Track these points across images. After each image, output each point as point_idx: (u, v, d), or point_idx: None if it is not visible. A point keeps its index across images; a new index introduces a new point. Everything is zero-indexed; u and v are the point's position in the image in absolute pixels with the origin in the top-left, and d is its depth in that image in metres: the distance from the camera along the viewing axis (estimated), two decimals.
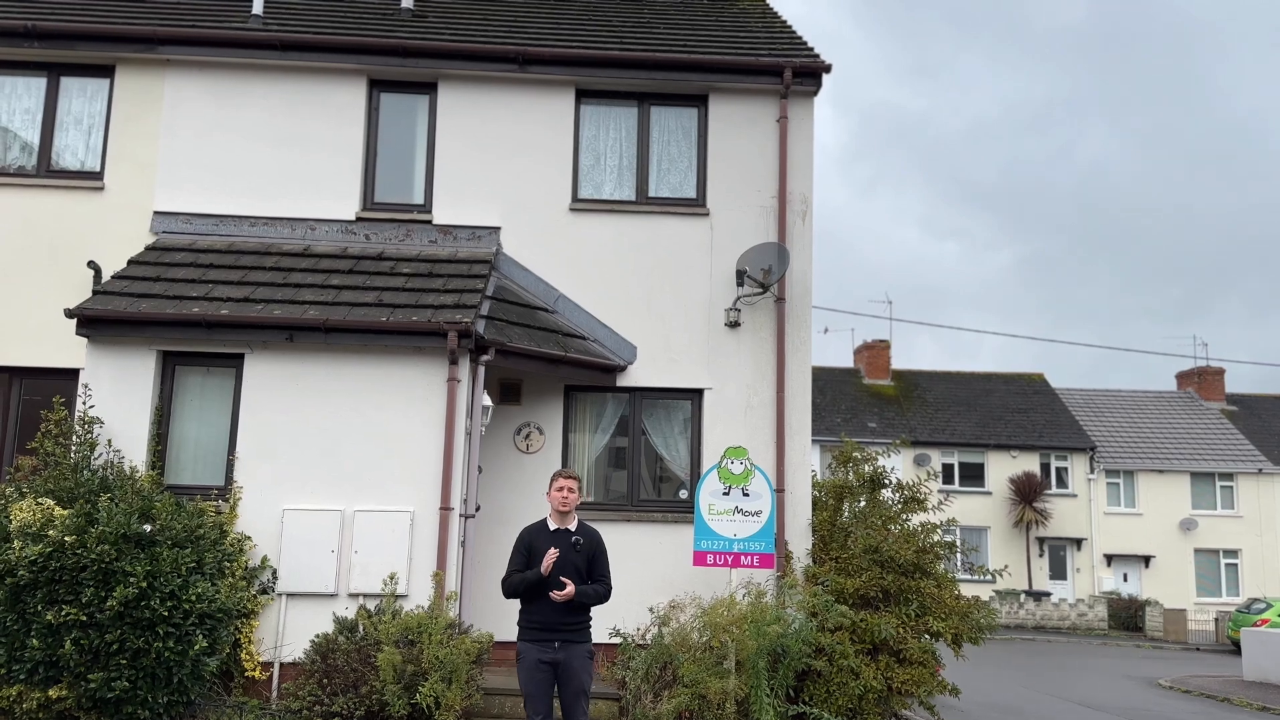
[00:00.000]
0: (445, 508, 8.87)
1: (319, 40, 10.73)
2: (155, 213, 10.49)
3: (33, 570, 7.19)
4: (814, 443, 11.25)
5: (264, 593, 8.66)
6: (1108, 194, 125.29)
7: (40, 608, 7.20)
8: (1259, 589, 34.25)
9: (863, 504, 10.52)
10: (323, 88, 10.80)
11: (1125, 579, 35.87)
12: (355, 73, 10.84)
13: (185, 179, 10.55)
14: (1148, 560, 35.75)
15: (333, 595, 8.75)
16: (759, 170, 10.91)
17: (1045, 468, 35.88)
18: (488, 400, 9.59)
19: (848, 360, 40.99)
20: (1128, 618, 33.43)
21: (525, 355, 9.63)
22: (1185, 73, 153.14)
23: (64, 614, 7.13)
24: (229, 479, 9.01)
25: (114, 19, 10.89)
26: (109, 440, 8.80)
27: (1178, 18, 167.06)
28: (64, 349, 9.56)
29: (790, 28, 12.33)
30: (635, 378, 10.53)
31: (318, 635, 8.23)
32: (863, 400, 37.66)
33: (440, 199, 10.80)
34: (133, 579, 7.21)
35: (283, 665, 8.60)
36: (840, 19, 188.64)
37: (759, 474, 9.45)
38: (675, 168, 11.13)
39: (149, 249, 10.22)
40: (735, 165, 10.95)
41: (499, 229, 10.73)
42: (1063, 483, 35.98)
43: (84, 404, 8.86)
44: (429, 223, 10.75)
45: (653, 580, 9.46)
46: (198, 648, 7.44)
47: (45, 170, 10.61)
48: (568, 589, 6.19)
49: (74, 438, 8.70)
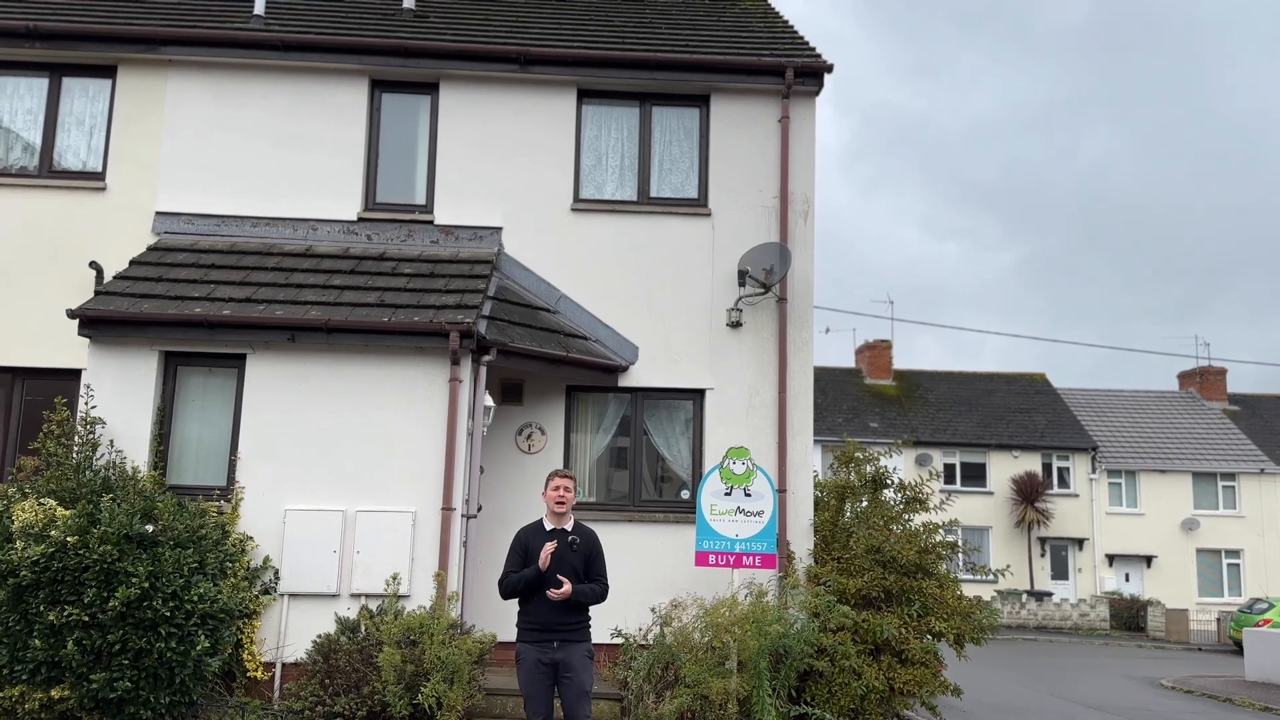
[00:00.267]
0: (447, 508, 8.87)
1: (320, 40, 10.73)
2: (157, 213, 10.50)
3: (35, 570, 7.19)
4: (816, 443, 11.26)
5: (266, 593, 8.66)
6: (1109, 194, 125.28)
7: (42, 608, 7.20)
8: (1261, 589, 34.22)
9: (865, 504, 10.52)
10: (324, 88, 10.81)
11: (1127, 579, 35.84)
12: (357, 73, 10.84)
13: (187, 179, 10.56)
14: (1149, 560, 35.72)
15: (335, 595, 8.75)
16: (760, 170, 10.91)
17: (1047, 468, 35.86)
18: (489, 400, 9.60)
19: (849, 360, 41.01)
20: (1129, 618, 33.40)
21: (527, 355, 9.62)
22: (1187, 72, 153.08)
23: (66, 614, 7.13)
24: (231, 479, 9.02)
25: (115, 19, 10.89)
26: (111, 440, 8.80)
27: (1179, 17, 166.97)
28: (66, 349, 9.56)
29: (792, 28, 12.32)
30: (637, 378, 10.53)
31: (320, 635, 8.23)
32: (864, 400, 37.65)
33: (442, 199, 10.80)
34: (135, 579, 7.21)
35: (285, 665, 8.60)
36: (842, 19, 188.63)
37: (761, 474, 9.45)
38: (677, 168, 11.13)
39: (151, 249, 10.22)
40: (737, 165, 10.95)
41: (500, 229, 10.73)
42: (1064, 483, 35.95)
43: (86, 404, 8.87)
44: (430, 223, 10.75)
45: (654, 580, 9.46)
46: (200, 648, 7.44)
47: (47, 171, 10.62)
48: (565, 588, 6.20)
49: (76, 438, 8.70)
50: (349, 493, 8.91)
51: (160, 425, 9.12)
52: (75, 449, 8.63)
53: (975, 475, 35.72)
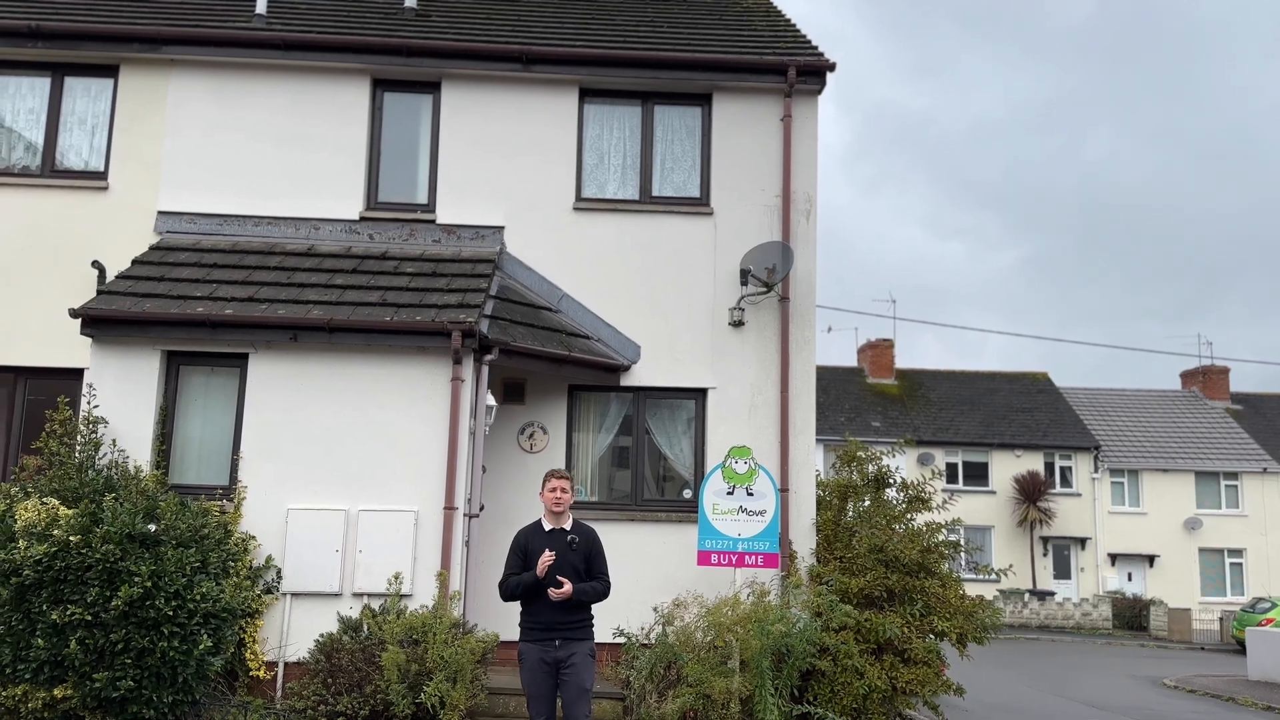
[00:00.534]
0: (449, 507, 8.87)
1: (322, 40, 10.73)
2: (159, 212, 10.50)
3: (38, 570, 7.19)
4: (818, 442, 11.26)
5: (268, 592, 8.66)
6: (1112, 193, 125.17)
7: (45, 607, 7.20)
8: (1263, 588, 34.17)
9: (867, 503, 10.51)
10: (326, 87, 10.81)
11: (1130, 578, 35.81)
12: (359, 72, 10.84)
13: (189, 179, 10.56)
14: (1152, 559, 35.69)
15: (337, 595, 8.75)
16: (763, 169, 10.90)
17: (1049, 467, 35.84)
18: (491, 400, 9.59)
19: (852, 359, 41.00)
20: (1132, 617, 33.37)
21: (529, 355, 9.62)
22: (1190, 72, 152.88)
23: (69, 613, 7.13)
24: (233, 478, 9.02)
25: (118, 19, 10.90)
26: (113, 440, 8.81)
27: (1183, 17, 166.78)
28: (68, 349, 9.56)
29: (794, 26, 12.31)
30: (639, 377, 10.52)
31: (322, 635, 8.23)
32: (866, 399, 37.63)
33: (444, 198, 10.79)
34: (137, 578, 7.21)
35: (287, 665, 8.60)
36: (844, 17, 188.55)
37: (763, 473, 9.44)
38: (679, 167, 11.12)
39: (153, 249, 10.23)
40: (739, 164, 10.94)
41: (503, 228, 10.73)
42: (1067, 482, 35.93)
43: (88, 404, 8.87)
44: (433, 222, 10.75)
45: (657, 580, 9.45)
46: (202, 647, 7.44)
47: (50, 170, 10.62)
48: (566, 587, 6.20)
49: (78, 437, 8.70)
50: (351, 492, 8.91)
51: (163, 425, 9.12)
52: (78, 448, 8.63)
53: (977, 474, 35.69)
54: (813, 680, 8.74)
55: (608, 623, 8.00)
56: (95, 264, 10.01)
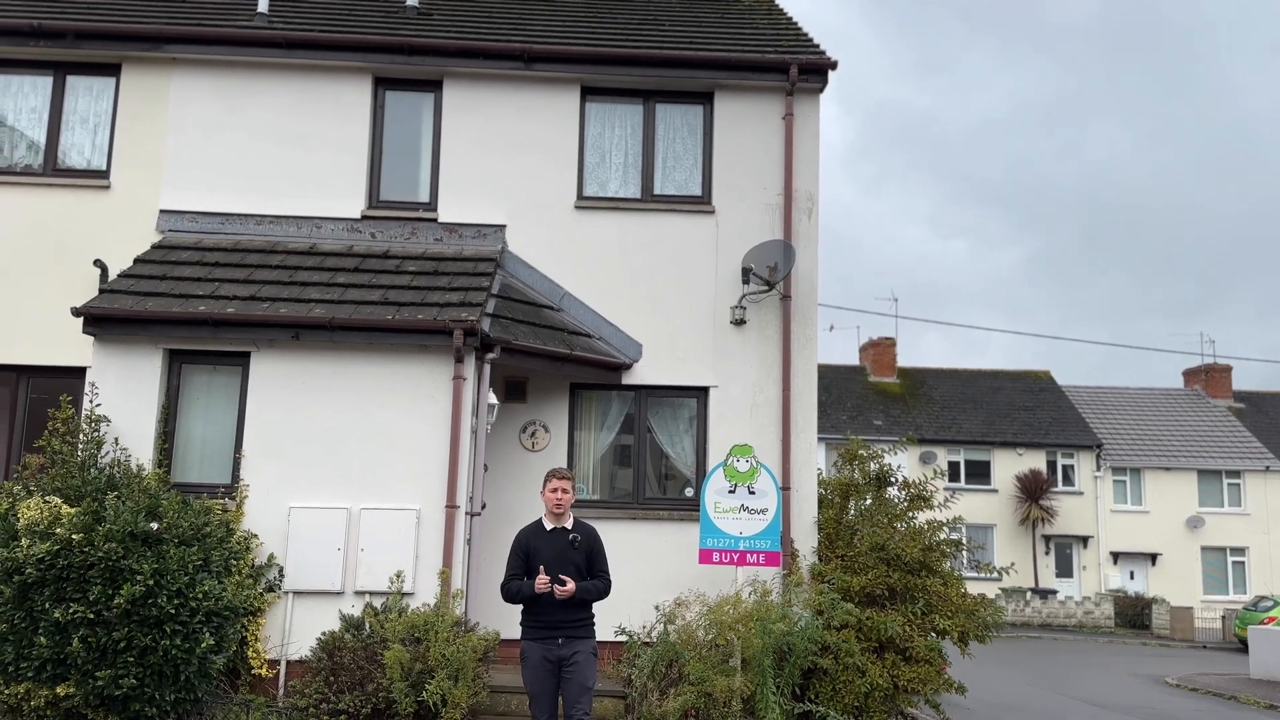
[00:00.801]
0: (451, 506, 8.87)
1: (324, 38, 10.74)
2: (161, 211, 10.51)
3: (40, 568, 7.20)
4: (820, 440, 11.25)
5: (270, 591, 8.67)
6: (1116, 191, 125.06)
7: (48, 605, 7.21)
8: (1266, 587, 34.15)
9: (869, 502, 10.51)
10: (328, 86, 10.81)
11: (1132, 577, 35.79)
12: (360, 71, 10.84)
13: (191, 177, 10.57)
14: (1154, 558, 35.67)
15: (339, 593, 8.76)
16: (764, 168, 10.90)
17: (1052, 465, 35.81)
18: (493, 398, 9.60)
19: (854, 358, 40.99)
20: (1134, 616, 33.36)
21: (531, 353, 9.63)
22: (1195, 70, 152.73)
23: (71, 612, 7.14)
24: (235, 477, 9.03)
25: (120, 18, 10.91)
26: (116, 438, 8.82)
27: (1187, 15, 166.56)
28: (71, 347, 9.57)
29: (796, 24, 12.30)
30: (641, 375, 10.52)
31: (324, 633, 8.24)
32: (868, 398, 37.62)
33: (445, 197, 10.80)
34: (140, 577, 7.23)
35: (289, 663, 8.62)
36: (847, 16, 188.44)
37: (765, 472, 9.44)
38: (680, 165, 11.12)
39: (155, 247, 10.24)
40: (741, 162, 10.94)
41: (504, 227, 10.73)
42: (1069, 480, 35.91)
43: (91, 402, 8.88)
44: (434, 221, 10.75)
45: (658, 578, 9.45)
46: (204, 645, 7.45)
47: (52, 169, 10.63)
48: (569, 586, 6.21)
49: (81, 436, 8.72)
50: (353, 490, 8.92)
51: (165, 423, 9.13)
52: (80, 447, 8.65)
53: (980, 473, 35.68)
54: (814, 678, 8.74)
55: (609, 621, 8.00)
56: (97, 263, 10.02)
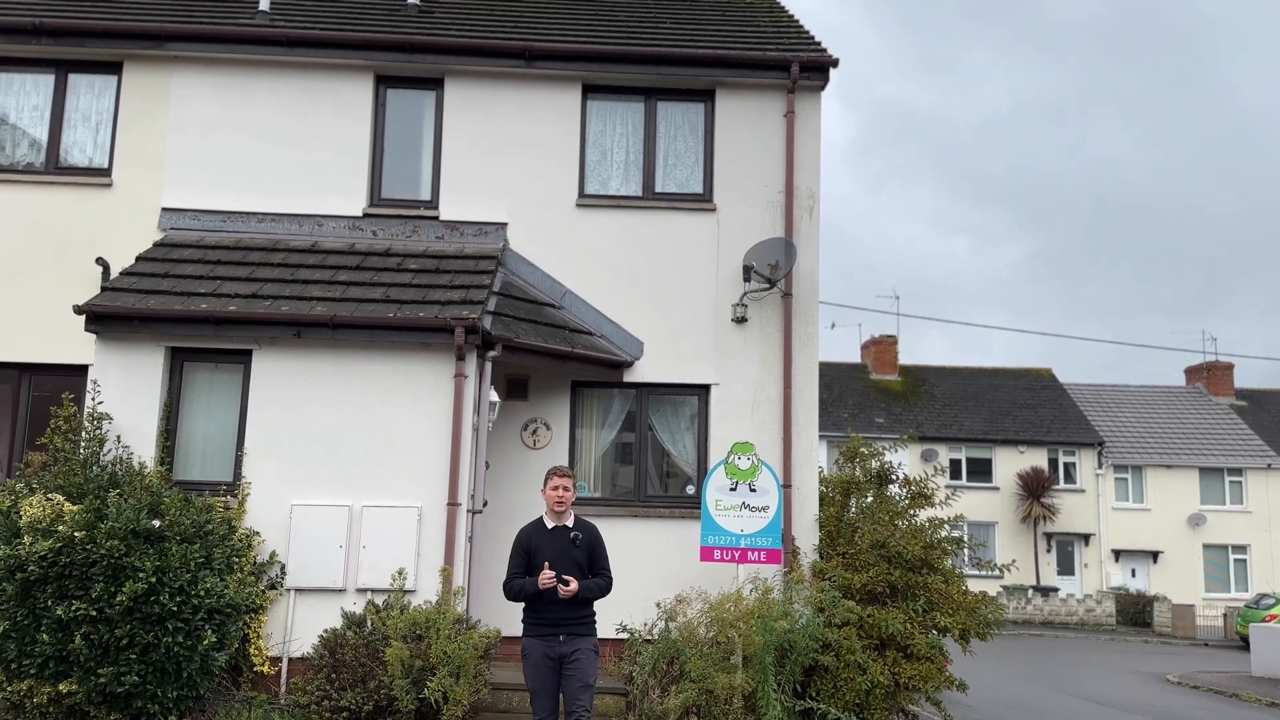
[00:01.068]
0: (452, 503, 8.89)
1: (326, 36, 10.74)
2: (163, 209, 10.53)
3: (43, 565, 7.22)
4: (821, 438, 11.24)
5: (272, 588, 8.68)
6: (1119, 189, 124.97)
7: (50, 603, 7.23)
8: (1267, 584, 34.16)
9: (870, 499, 10.51)
10: (330, 84, 10.82)
11: (1133, 574, 35.80)
12: (362, 69, 10.84)
13: (193, 175, 10.58)
14: (1156, 556, 35.67)
15: (341, 590, 8.77)
16: (766, 165, 10.90)
17: (1053, 463, 35.82)
18: (495, 396, 9.60)
19: (855, 356, 40.98)
20: (1136, 613, 33.36)
21: (532, 351, 9.64)
22: (1198, 67, 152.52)
23: (74, 609, 7.16)
24: (237, 475, 9.04)
25: (121, 16, 10.92)
26: (118, 436, 8.84)
27: (1191, 12, 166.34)
28: (73, 345, 9.59)
29: (797, 22, 12.30)
30: (642, 373, 10.53)
31: (326, 630, 8.26)
32: (870, 396, 37.62)
33: (447, 195, 10.80)
34: (142, 574, 7.24)
35: (291, 660, 8.64)
36: (850, 13, 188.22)
37: (766, 470, 9.44)
38: (682, 163, 11.12)
39: (157, 245, 10.25)
40: (742, 160, 10.94)
41: (505, 225, 10.74)
42: (1071, 478, 35.91)
43: (93, 400, 8.90)
44: (436, 219, 10.76)
45: (659, 576, 9.46)
46: (206, 643, 7.47)
47: (54, 167, 10.64)
48: (571, 585, 6.22)
49: (83, 434, 8.73)
50: (355, 488, 8.94)
51: (167, 421, 9.15)
52: (82, 444, 8.66)
53: (981, 470, 35.69)
54: (815, 676, 8.75)
55: (611, 618, 8.01)
56: (99, 260, 10.03)
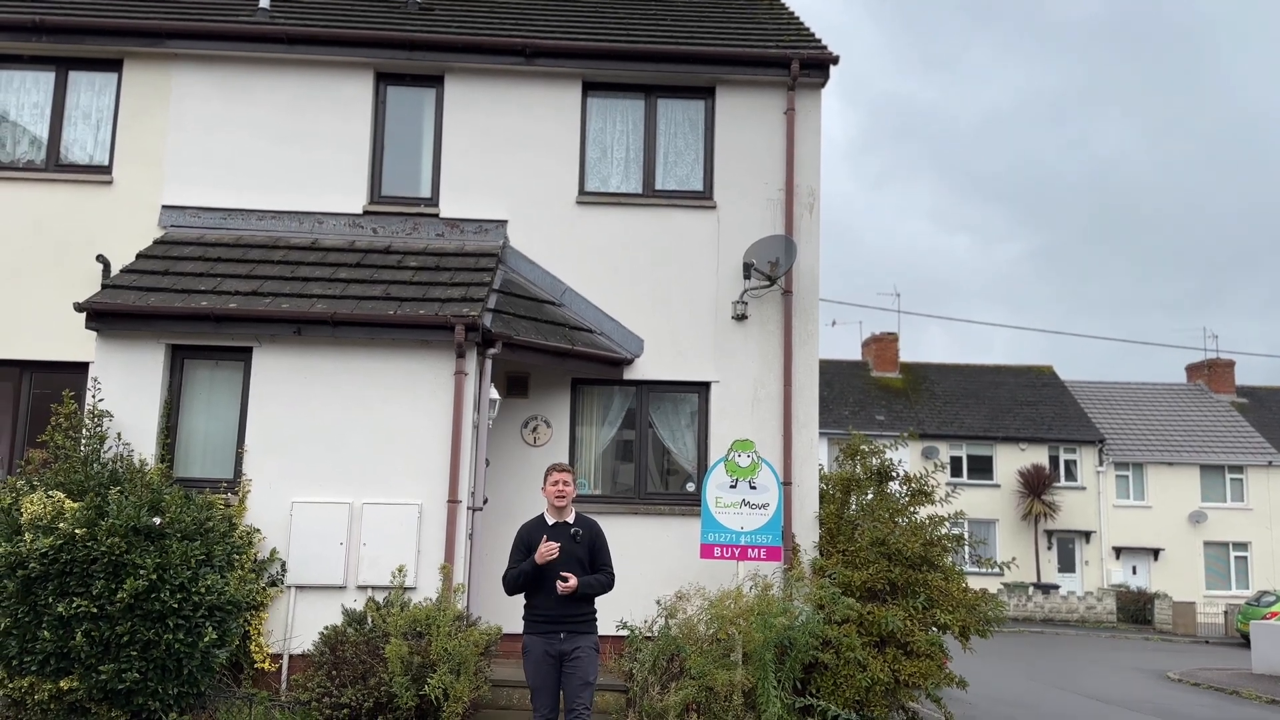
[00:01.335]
0: (453, 500, 8.89)
1: (326, 34, 10.74)
2: (163, 207, 10.53)
3: (44, 562, 7.23)
4: (821, 436, 11.26)
5: (273, 585, 8.69)
6: (1121, 186, 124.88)
7: (51, 600, 7.24)
8: (1268, 582, 34.15)
9: (870, 497, 10.52)
10: (330, 81, 10.82)
11: (1134, 572, 35.80)
12: (362, 66, 10.84)
13: (193, 173, 10.58)
14: (1157, 553, 35.67)
15: (341, 587, 8.78)
16: (766, 163, 10.90)
17: (1054, 460, 35.81)
18: (495, 393, 9.61)
19: (856, 353, 40.94)
20: (1136, 611, 33.36)
21: (532, 348, 9.64)
22: (1200, 65, 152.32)
23: (75, 606, 7.17)
24: (238, 472, 9.05)
25: (121, 13, 10.92)
26: (118, 433, 8.84)
27: (1191, 12, 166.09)
28: (73, 343, 9.60)
29: (798, 19, 12.30)
30: (642, 371, 10.54)
31: (326, 627, 8.27)
32: (871, 393, 37.60)
33: (447, 192, 10.80)
34: (143, 571, 7.25)
35: (292, 657, 8.65)
36: (851, 10, 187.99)
37: (766, 467, 9.45)
38: (682, 160, 11.11)
39: (157, 243, 10.25)
40: (742, 158, 10.93)
41: (506, 222, 10.74)
42: (1071, 475, 35.90)
43: (93, 397, 8.90)
44: (436, 216, 10.76)
45: (660, 573, 9.46)
46: (207, 640, 7.48)
47: (54, 165, 10.65)
48: (571, 581, 6.22)
49: (84, 431, 8.74)
50: (355, 485, 8.94)
51: (167, 418, 9.16)
52: (83, 442, 8.67)
53: (982, 468, 35.68)
54: (815, 673, 8.76)
55: (611, 615, 8.01)
56: (100, 258, 10.04)
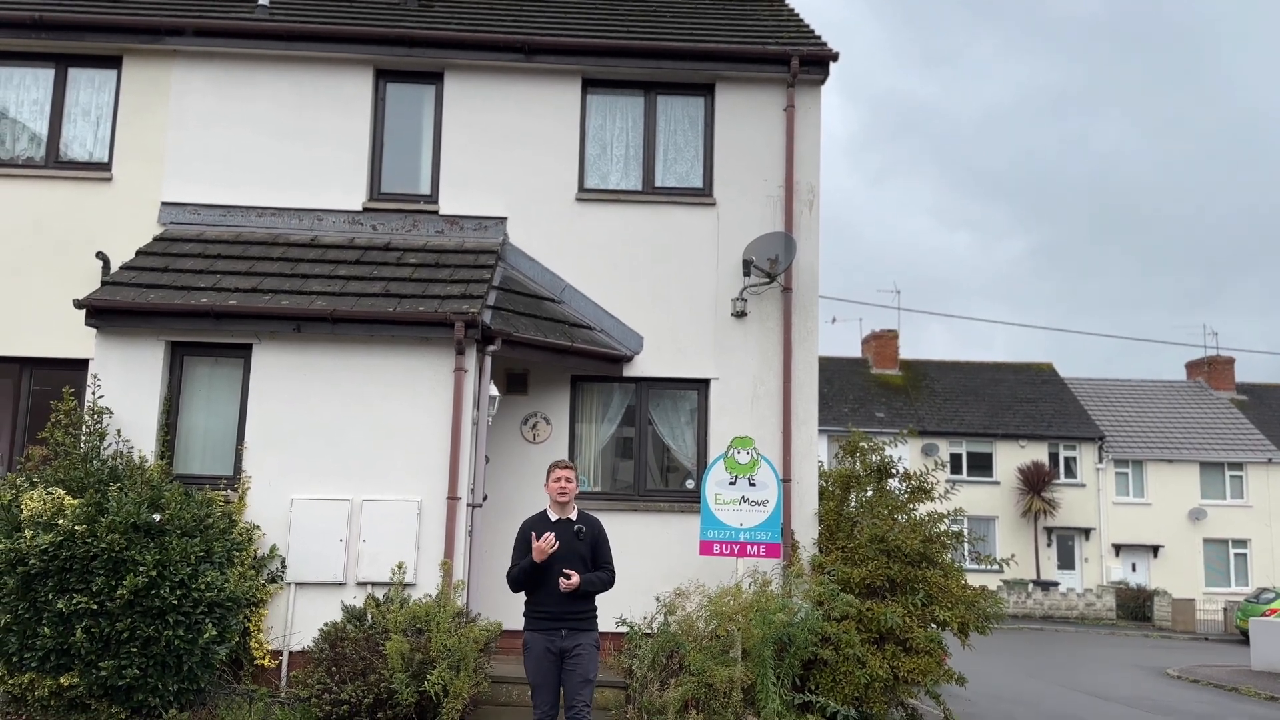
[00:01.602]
0: (452, 497, 8.90)
1: (325, 30, 10.73)
2: (163, 203, 10.53)
3: (44, 559, 7.24)
4: (821, 433, 11.26)
5: (273, 581, 8.70)
6: (1122, 183, 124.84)
7: (51, 596, 7.26)
8: (1267, 579, 34.18)
9: (870, 494, 10.53)
10: (329, 78, 10.81)
11: (1134, 569, 35.81)
12: (362, 63, 10.83)
13: (193, 170, 10.58)
14: (1156, 550, 35.69)
15: (341, 584, 8.79)
16: (766, 160, 10.89)
17: (1054, 457, 35.80)
18: (494, 390, 9.61)
19: (855, 350, 40.93)
20: (1136, 608, 33.39)
21: (532, 345, 9.64)
22: (1201, 62, 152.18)
23: (75, 602, 7.19)
24: (237, 468, 9.06)
25: (121, 10, 10.91)
26: (118, 430, 8.85)
27: (1193, 9, 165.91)
28: (73, 339, 9.61)
29: (797, 16, 12.29)
30: (642, 368, 10.54)
31: (326, 624, 8.27)
32: (870, 390, 37.61)
33: (446, 189, 10.80)
34: (142, 568, 7.26)
35: (291, 653, 8.66)
36: (853, 7, 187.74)
37: (765, 464, 9.46)
38: (682, 157, 11.11)
39: (157, 240, 10.25)
40: (742, 155, 10.93)
41: (505, 219, 10.74)
42: (1071, 472, 35.90)
43: (93, 394, 8.91)
44: (435, 213, 10.76)
45: (659, 570, 9.48)
46: (207, 636, 7.49)
47: (54, 162, 10.64)
48: (574, 579, 6.22)
49: (84, 428, 8.74)
50: (355, 482, 8.95)
51: (167, 415, 9.16)
52: (83, 438, 8.67)
53: (982, 465, 35.69)
54: (815, 669, 8.77)
55: (611, 612, 8.02)
56: (99, 255, 10.04)
